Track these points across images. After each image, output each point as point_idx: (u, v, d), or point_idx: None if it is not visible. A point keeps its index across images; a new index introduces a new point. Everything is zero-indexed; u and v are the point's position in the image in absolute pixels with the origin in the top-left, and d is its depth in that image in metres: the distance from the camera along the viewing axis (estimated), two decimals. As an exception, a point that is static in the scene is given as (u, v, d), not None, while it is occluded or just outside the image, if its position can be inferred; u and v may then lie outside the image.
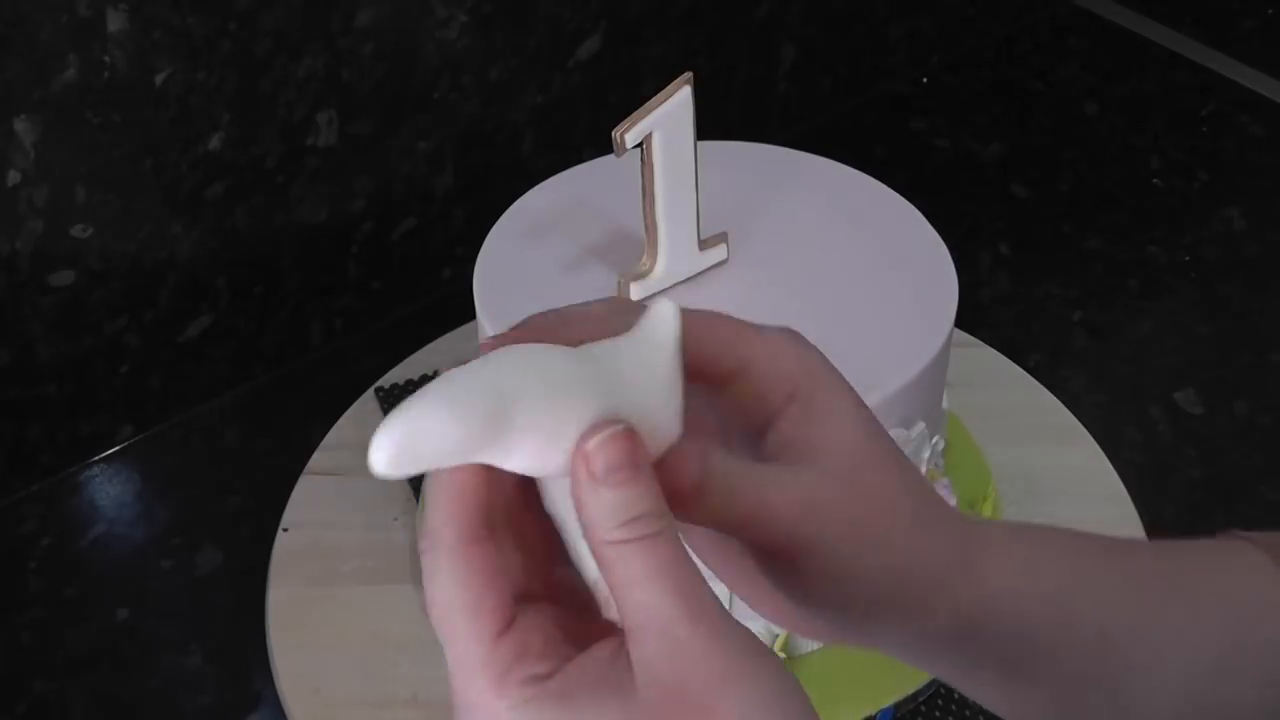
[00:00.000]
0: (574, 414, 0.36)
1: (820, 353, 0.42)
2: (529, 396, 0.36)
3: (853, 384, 0.67)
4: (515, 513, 0.38)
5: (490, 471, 0.37)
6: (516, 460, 0.36)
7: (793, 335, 0.41)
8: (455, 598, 0.36)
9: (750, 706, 0.35)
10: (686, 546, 0.39)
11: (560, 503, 0.38)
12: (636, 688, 0.35)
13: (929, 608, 0.41)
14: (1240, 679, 0.45)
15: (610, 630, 0.37)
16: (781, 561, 0.40)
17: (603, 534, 0.35)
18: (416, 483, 0.84)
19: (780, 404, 0.41)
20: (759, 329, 0.41)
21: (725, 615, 0.35)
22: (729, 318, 0.41)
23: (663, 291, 0.69)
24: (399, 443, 0.35)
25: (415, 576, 0.80)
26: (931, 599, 0.41)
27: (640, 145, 0.64)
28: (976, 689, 0.46)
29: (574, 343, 0.38)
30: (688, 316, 0.39)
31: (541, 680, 0.35)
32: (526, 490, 0.38)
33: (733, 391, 0.41)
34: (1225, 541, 0.48)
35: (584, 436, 0.36)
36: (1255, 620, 0.46)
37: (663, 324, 0.38)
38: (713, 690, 0.34)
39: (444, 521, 0.37)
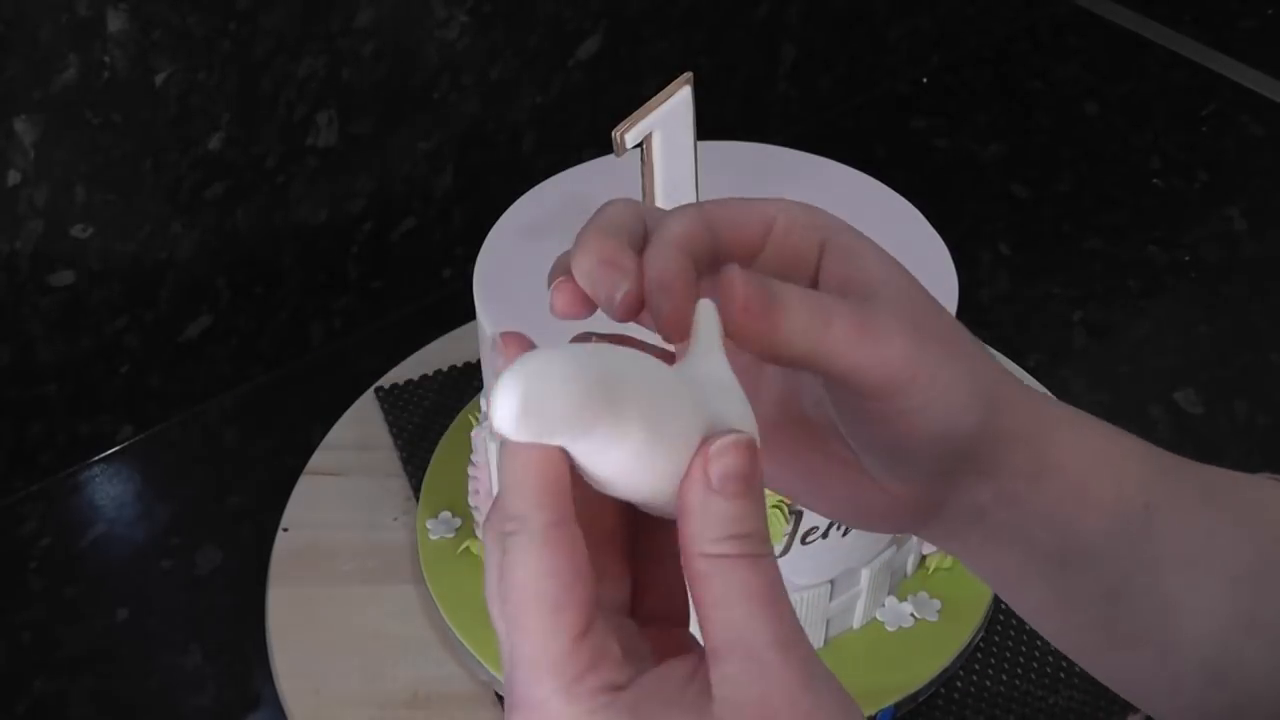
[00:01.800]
0: (684, 418, 0.34)
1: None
2: (641, 386, 0.34)
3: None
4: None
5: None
6: (618, 453, 0.33)
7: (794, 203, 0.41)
8: (541, 587, 0.33)
9: None
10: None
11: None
12: (713, 709, 0.33)
13: (1011, 420, 0.41)
14: (1269, 594, 0.44)
15: (678, 648, 0.36)
16: (888, 389, 0.38)
17: (704, 545, 0.33)
18: (416, 483, 0.84)
19: (816, 253, 0.40)
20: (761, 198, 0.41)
21: (814, 652, 0.34)
22: (732, 198, 0.40)
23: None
24: (526, 396, 0.32)
25: (415, 576, 0.80)
26: (1011, 411, 0.41)
27: (640, 145, 0.64)
28: (1025, 584, 0.45)
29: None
30: (700, 206, 0.38)
31: (616, 690, 0.33)
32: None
33: (768, 254, 0.39)
34: (1258, 476, 0.48)
35: (708, 440, 0.34)
36: None
37: (705, 326, 0.36)
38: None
39: (534, 504, 0.33)
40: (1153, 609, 0.44)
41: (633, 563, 0.38)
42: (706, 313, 0.36)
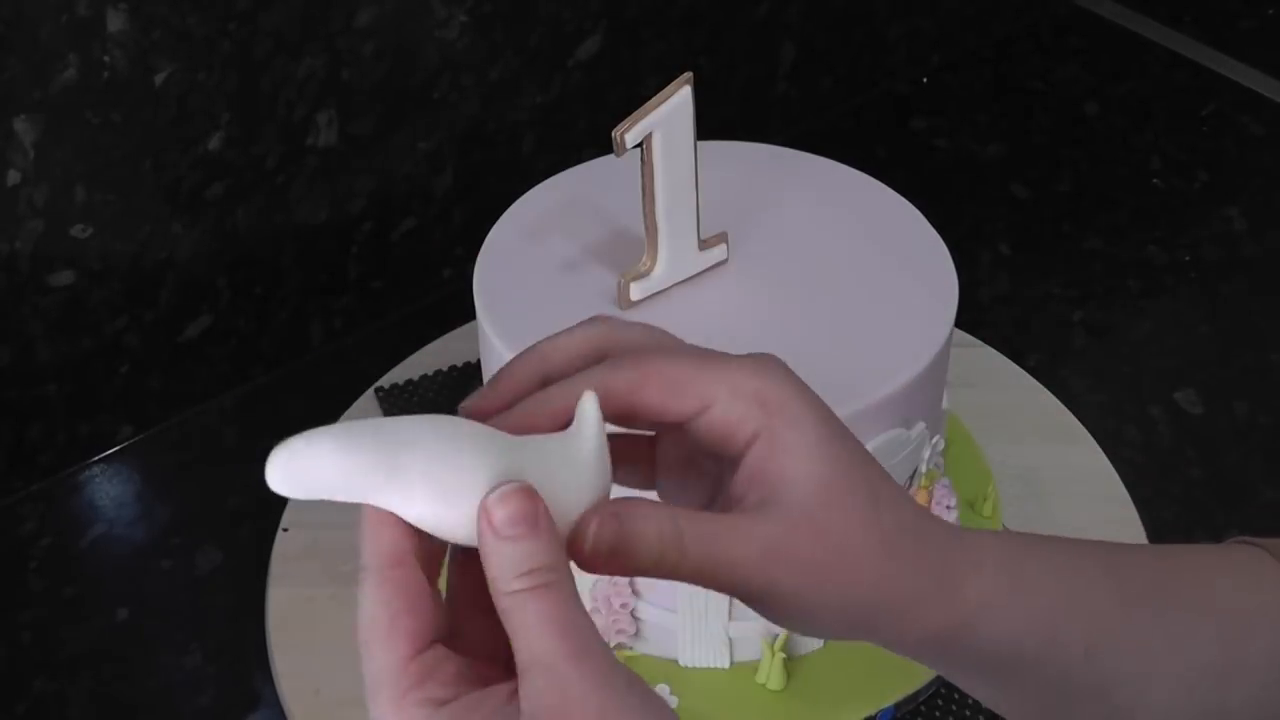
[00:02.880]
0: (473, 474, 0.39)
1: (792, 379, 0.42)
2: (426, 450, 0.39)
3: (853, 384, 0.67)
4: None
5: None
6: (417, 510, 0.39)
7: (760, 365, 0.42)
8: (376, 616, 0.40)
9: None
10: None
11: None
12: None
13: (902, 629, 0.43)
14: (1237, 684, 0.45)
15: (505, 677, 0.39)
16: (751, 602, 0.41)
17: (503, 585, 0.38)
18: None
19: (746, 442, 0.41)
20: (724, 361, 0.42)
21: (610, 658, 0.38)
22: (691, 354, 0.42)
23: (663, 291, 0.69)
24: (285, 464, 0.39)
25: (415, 576, 0.80)
26: (904, 622, 0.42)
27: (640, 145, 0.64)
28: (969, 689, 0.47)
29: (554, 376, 0.42)
30: (640, 361, 0.41)
31: (439, 704, 0.38)
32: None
33: (699, 428, 0.41)
34: (1231, 547, 0.48)
35: (488, 494, 0.38)
36: (1256, 626, 0.46)
37: (587, 418, 0.40)
38: None
39: (370, 550, 0.40)
40: (1103, 717, 0.45)
41: (460, 608, 0.42)
42: (588, 401, 0.40)
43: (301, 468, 0.39)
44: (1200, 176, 1.12)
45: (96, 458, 0.90)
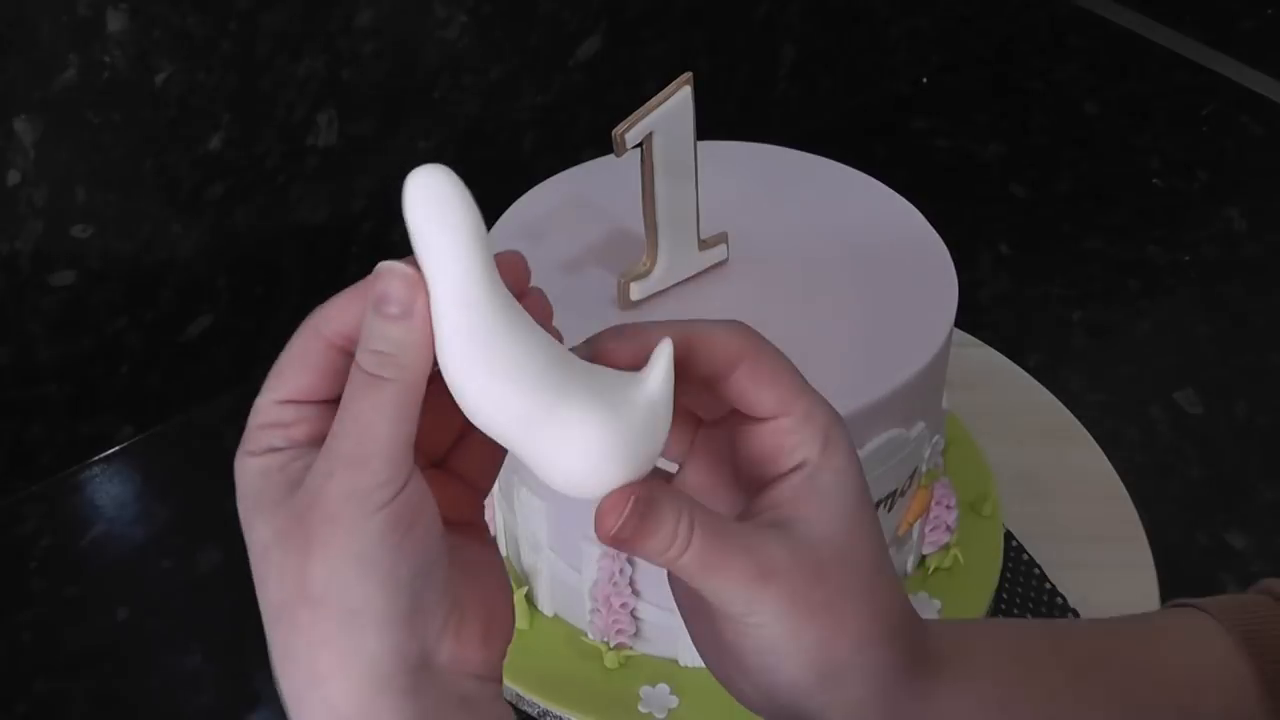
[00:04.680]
0: (539, 358, 0.40)
1: (841, 421, 0.42)
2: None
3: (853, 384, 0.67)
4: None
5: None
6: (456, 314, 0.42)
7: (821, 401, 0.42)
8: (287, 357, 0.41)
9: (345, 550, 0.37)
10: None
11: None
12: (295, 494, 0.38)
13: (865, 699, 0.42)
14: None
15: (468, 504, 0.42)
16: (723, 623, 0.41)
17: (357, 354, 0.38)
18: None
19: (790, 466, 0.41)
20: (803, 382, 0.42)
21: (397, 468, 0.37)
22: (787, 361, 0.42)
23: (663, 291, 0.69)
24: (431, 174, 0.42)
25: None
26: (872, 693, 0.42)
27: (640, 145, 0.64)
28: None
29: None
30: (753, 339, 0.41)
31: (268, 450, 0.39)
32: None
33: (756, 431, 0.41)
34: (1170, 611, 0.48)
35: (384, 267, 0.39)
36: (1205, 690, 0.45)
37: (661, 365, 0.40)
38: (323, 523, 0.37)
39: (334, 314, 0.41)
40: None
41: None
42: (665, 349, 0.41)
43: (442, 191, 0.42)
44: (1200, 176, 1.12)
45: (96, 458, 0.90)
